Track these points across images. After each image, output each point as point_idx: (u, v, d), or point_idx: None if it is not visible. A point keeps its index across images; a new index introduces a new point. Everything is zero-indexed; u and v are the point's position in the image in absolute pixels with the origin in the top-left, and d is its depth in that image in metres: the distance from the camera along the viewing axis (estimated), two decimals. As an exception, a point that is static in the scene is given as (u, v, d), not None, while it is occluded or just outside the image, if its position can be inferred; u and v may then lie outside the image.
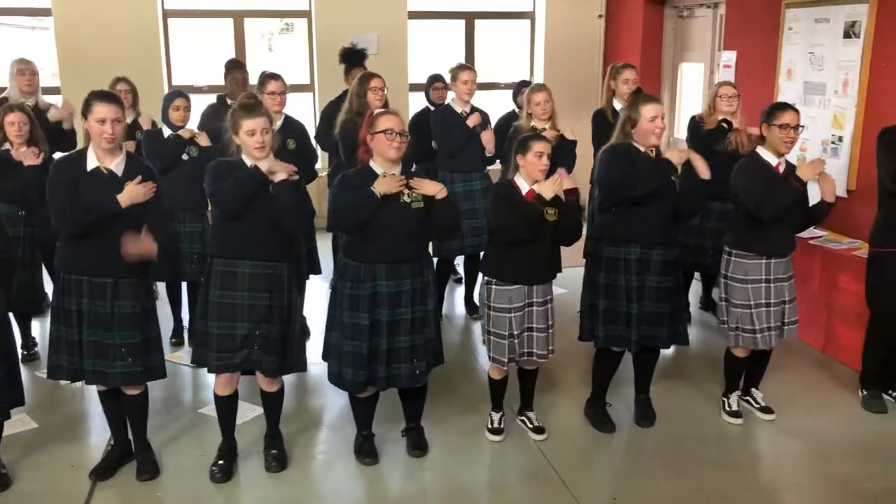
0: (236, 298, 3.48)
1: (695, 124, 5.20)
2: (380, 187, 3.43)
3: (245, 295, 3.48)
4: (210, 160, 3.74)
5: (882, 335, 4.24)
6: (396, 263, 3.51)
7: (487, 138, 5.28)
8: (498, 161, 5.36)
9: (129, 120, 5.33)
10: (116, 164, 3.39)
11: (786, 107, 3.94)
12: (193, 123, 5.13)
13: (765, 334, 3.97)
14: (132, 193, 3.34)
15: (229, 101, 5.45)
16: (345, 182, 3.56)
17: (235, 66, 6.09)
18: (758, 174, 3.89)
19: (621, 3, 8.27)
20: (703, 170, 3.83)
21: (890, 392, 4.36)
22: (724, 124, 4.98)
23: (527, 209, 3.64)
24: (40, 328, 5.39)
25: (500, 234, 3.73)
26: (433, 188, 3.52)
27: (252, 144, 3.40)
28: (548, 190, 3.65)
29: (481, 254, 5.43)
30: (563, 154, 4.99)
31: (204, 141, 4.78)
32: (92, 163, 3.37)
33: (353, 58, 6.07)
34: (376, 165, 3.53)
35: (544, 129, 5.01)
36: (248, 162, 3.46)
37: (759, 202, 3.82)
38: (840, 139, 5.33)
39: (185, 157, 4.78)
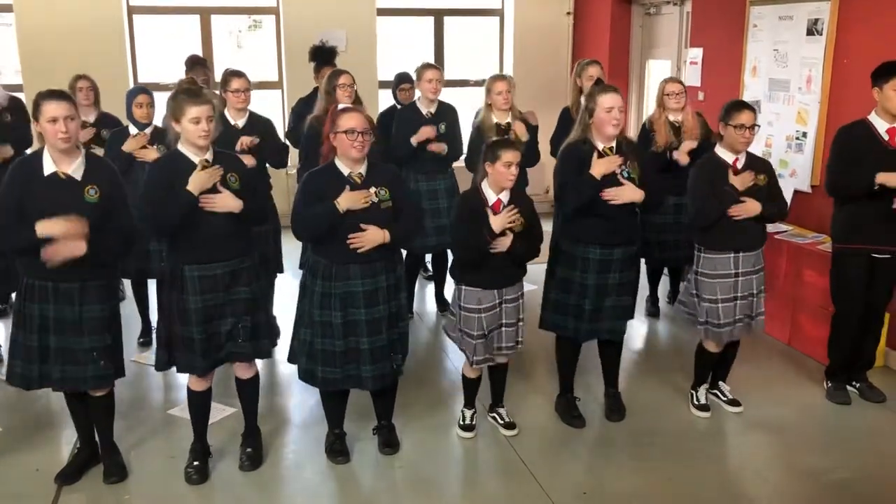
0: (219, 298, 3.44)
1: (645, 135, 5.18)
2: (344, 203, 3.40)
3: (227, 293, 3.45)
4: None
5: (846, 329, 4.32)
6: (370, 263, 3.50)
7: (434, 148, 5.21)
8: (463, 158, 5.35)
9: (91, 118, 5.27)
10: (75, 168, 3.27)
11: (742, 106, 3.96)
12: (158, 120, 5.05)
13: (731, 328, 4.02)
14: (48, 227, 3.14)
15: None
16: (309, 185, 3.52)
17: (197, 64, 6.00)
18: (703, 181, 3.93)
19: (589, 1, 8.32)
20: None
21: (854, 383, 4.44)
22: (672, 154, 5.02)
23: (480, 240, 3.62)
24: (4, 330, 5.31)
25: (457, 255, 3.78)
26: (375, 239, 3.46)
27: (196, 133, 3.30)
28: (497, 224, 3.62)
29: (449, 251, 5.45)
30: (526, 146, 5.01)
31: (152, 155, 4.62)
32: (49, 167, 3.24)
33: (322, 56, 6.03)
34: (341, 164, 3.51)
35: (508, 125, 5.01)
36: (187, 151, 3.36)
37: (694, 215, 3.94)
38: (804, 135, 5.41)
39: None
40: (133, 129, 4.76)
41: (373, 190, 3.48)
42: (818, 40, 5.25)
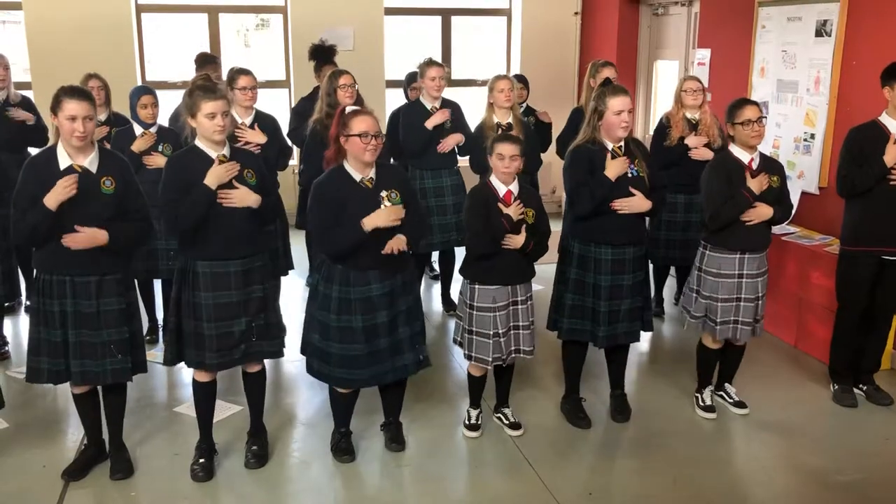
0: (232, 297, 3.45)
1: (661, 129, 5.20)
2: (371, 223, 3.37)
3: (241, 292, 3.45)
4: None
5: (847, 327, 4.31)
6: (387, 266, 3.50)
7: (446, 143, 5.21)
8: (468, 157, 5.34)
9: (102, 117, 5.28)
10: (90, 161, 3.31)
11: (744, 102, 3.96)
12: (164, 119, 5.06)
13: (728, 326, 4.00)
14: (59, 192, 3.19)
15: None
16: (323, 195, 3.46)
17: (209, 62, 6.00)
18: (721, 181, 3.90)
19: (597, 1, 8.31)
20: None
21: (860, 386, 4.42)
22: (684, 142, 5.05)
23: (495, 228, 3.64)
24: (12, 327, 5.33)
25: (472, 246, 3.75)
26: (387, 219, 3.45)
27: (211, 128, 3.33)
28: (512, 212, 3.66)
29: (455, 249, 5.45)
30: (527, 143, 4.99)
31: (159, 161, 4.63)
32: (64, 161, 3.29)
33: (322, 54, 6.02)
34: (350, 168, 3.49)
35: (509, 124, 5.01)
36: (204, 147, 3.40)
37: (710, 217, 3.93)
38: (812, 136, 5.40)
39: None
40: (138, 129, 4.76)
41: (384, 194, 3.47)
42: (827, 41, 5.23)
